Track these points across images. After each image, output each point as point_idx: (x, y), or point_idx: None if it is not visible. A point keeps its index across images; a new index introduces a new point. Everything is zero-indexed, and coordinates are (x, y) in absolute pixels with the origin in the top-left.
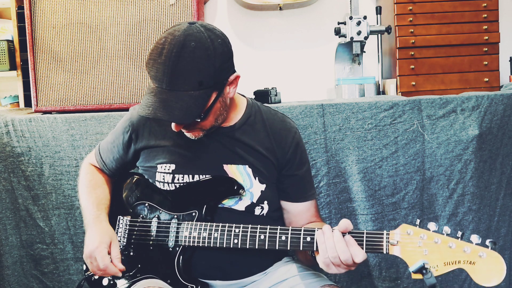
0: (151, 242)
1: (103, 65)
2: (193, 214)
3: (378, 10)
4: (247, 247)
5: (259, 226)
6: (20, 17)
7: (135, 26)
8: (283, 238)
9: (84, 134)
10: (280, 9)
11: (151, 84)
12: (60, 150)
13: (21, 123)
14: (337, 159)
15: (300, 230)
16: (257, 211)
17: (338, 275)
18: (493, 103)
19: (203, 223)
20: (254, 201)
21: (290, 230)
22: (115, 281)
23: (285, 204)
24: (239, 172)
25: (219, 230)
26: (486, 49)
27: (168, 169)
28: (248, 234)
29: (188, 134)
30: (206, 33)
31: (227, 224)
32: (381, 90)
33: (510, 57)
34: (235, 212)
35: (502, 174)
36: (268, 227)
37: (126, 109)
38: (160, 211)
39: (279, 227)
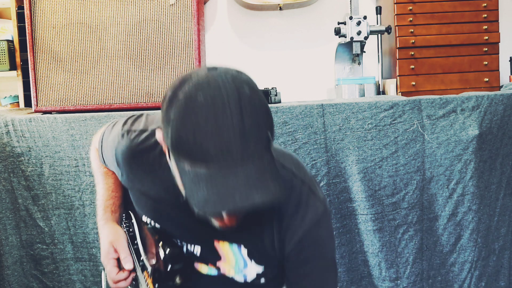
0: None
1: (103, 65)
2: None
3: (378, 10)
4: None
5: None
6: (20, 17)
7: (135, 26)
8: None
9: (84, 134)
10: (280, 9)
11: (199, 168)
12: (60, 150)
13: (21, 123)
14: (337, 159)
15: None
16: (253, 284)
17: (338, 275)
18: (493, 103)
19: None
20: (248, 280)
21: None
22: None
23: None
24: (232, 252)
25: None
26: (486, 49)
27: (154, 225)
28: None
29: (219, 224)
30: (241, 72)
31: None
32: (381, 90)
33: (510, 57)
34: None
35: (502, 174)
36: None
37: (126, 109)
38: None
39: None
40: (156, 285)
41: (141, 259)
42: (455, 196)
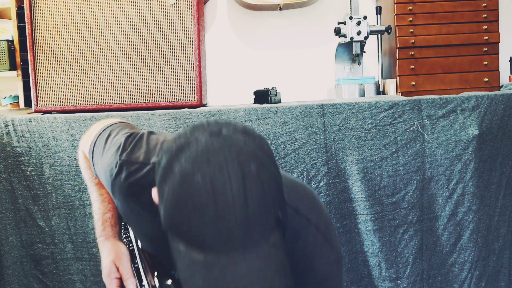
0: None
1: (103, 65)
2: None
3: (378, 10)
4: None
5: None
6: (20, 17)
7: (135, 26)
8: None
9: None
10: (280, 9)
11: (195, 253)
12: (60, 150)
13: (21, 123)
14: (337, 159)
15: None
16: None
17: None
18: (493, 103)
19: None
20: None
21: None
22: None
23: None
24: None
25: None
26: (486, 49)
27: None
28: None
29: None
30: (249, 140)
31: None
32: (381, 90)
33: (510, 57)
34: None
35: (502, 174)
36: None
37: (126, 109)
38: None
39: None
40: None
41: (143, 284)
42: (455, 196)
